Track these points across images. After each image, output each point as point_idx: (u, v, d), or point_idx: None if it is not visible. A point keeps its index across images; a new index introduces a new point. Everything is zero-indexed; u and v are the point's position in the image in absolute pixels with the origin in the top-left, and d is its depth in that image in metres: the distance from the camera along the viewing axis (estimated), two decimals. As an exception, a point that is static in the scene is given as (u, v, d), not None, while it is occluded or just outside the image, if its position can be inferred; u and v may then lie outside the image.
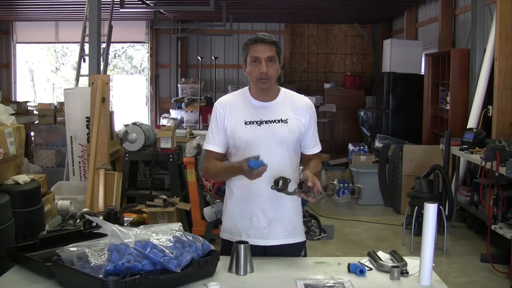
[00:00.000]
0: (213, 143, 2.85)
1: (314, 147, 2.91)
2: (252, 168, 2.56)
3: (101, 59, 7.22)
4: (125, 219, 3.65)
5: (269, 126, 2.77)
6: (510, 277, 4.99)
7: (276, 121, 2.77)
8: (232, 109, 2.81)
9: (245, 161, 2.58)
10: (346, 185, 8.42)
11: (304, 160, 2.93)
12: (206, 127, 10.10)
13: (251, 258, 2.53)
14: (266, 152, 2.73)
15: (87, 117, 6.13)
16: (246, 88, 2.87)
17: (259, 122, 2.77)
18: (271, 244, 2.81)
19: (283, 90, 2.86)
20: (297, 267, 2.61)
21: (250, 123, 2.77)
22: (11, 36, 13.88)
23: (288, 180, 2.61)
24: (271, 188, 2.62)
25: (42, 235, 2.75)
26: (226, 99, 2.88)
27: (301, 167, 2.92)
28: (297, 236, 2.87)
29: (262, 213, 2.78)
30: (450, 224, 6.19)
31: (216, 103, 2.87)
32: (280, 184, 2.60)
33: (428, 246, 2.39)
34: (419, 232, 5.45)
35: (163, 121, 11.89)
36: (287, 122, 2.78)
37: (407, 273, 2.49)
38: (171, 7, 10.89)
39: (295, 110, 2.82)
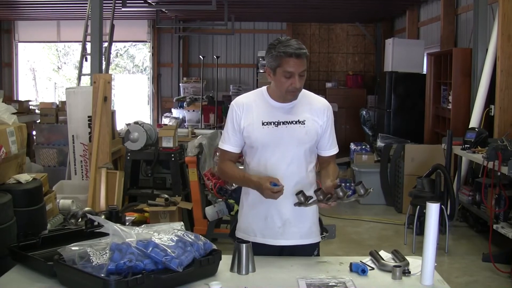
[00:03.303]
0: (228, 143, 2.84)
1: (330, 148, 2.88)
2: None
3: (103, 58, 7.23)
4: (127, 218, 3.66)
5: (286, 127, 2.75)
6: (512, 277, 4.99)
7: (294, 122, 2.76)
8: (249, 110, 2.79)
9: (266, 180, 2.61)
10: (348, 184, 8.43)
11: (320, 162, 2.91)
12: (208, 126, 10.16)
13: (253, 257, 2.53)
14: (282, 153, 2.75)
15: (89, 116, 6.14)
16: (264, 88, 2.85)
17: (276, 123, 2.75)
18: (285, 244, 2.80)
19: (302, 91, 2.82)
20: (299, 267, 2.61)
21: (267, 124, 2.75)
22: (13, 35, 13.89)
23: (309, 198, 2.61)
24: (294, 205, 2.63)
25: (44, 234, 2.75)
26: (243, 99, 2.85)
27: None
28: (312, 237, 2.87)
29: (277, 213, 2.76)
30: (452, 224, 6.19)
31: (233, 103, 2.85)
32: (302, 199, 2.60)
33: (430, 246, 2.39)
34: (421, 231, 5.44)
35: (165, 120, 11.89)
36: (304, 124, 2.76)
37: (409, 272, 2.49)
38: (173, 6, 10.89)
39: (313, 112, 2.80)
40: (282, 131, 2.75)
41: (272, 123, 2.75)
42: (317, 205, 2.63)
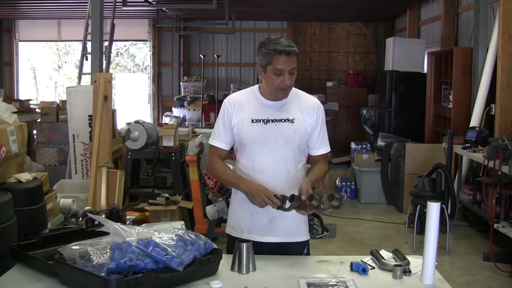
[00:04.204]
0: (218, 139, 2.86)
1: (319, 148, 2.88)
2: None
3: (104, 57, 7.23)
4: (127, 217, 3.65)
5: (275, 125, 2.77)
6: (513, 276, 4.99)
7: (283, 120, 2.78)
8: (241, 107, 2.82)
9: (265, 188, 2.66)
10: (348, 183, 8.42)
11: (311, 161, 2.92)
12: (208, 125, 10.14)
13: (254, 256, 2.53)
14: (270, 150, 2.77)
15: (89, 115, 6.14)
16: (256, 86, 2.88)
17: (265, 121, 2.78)
18: (272, 241, 2.82)
19: (293, 89, 2.84)
20: (300, 266, 2.61)
21: (256, 121, 2.78)
22: (13, 34, 13.89)
23: (285, 199, 2.63)
24: (272, 207, 2.65)
25: (44, 234, 2.74)
26: (235, 97, 2.88)
27: (308, 166, 2.93)
28: (300, 235, 2.87)
29: (263, 210, 2.76)
30: (452, 223, 6.18)
31: (225, 100, 2.88)
32: (279, 203, 2.62)
33: (431, 245, 2.38)
34: (421, 231, 5.44)
35: (166, 119, 11.89)
36: (293, 122, 2.78)
37: (410, 272, 2.49)
38: (174, 5, 10.88)
39: (303, 110, 2.82)
40: (270, 129, 2.77)
41: (261, 121, 2.78)
42: (298, 211, 2.65)
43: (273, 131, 2.77)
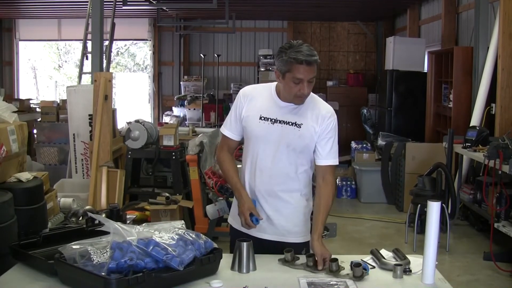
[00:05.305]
0: (229, 130, 2.88)
1: (326, 158, 2.80)
2: (252, 220, 2.74)
3: (104, 56, 7.23)
4: (128, 216, 3.65)
5: (281, 127, 2.75)
6: (513, 276, 4.99)
7: (290, 124, 2.75)
8: (253, 101, 2.81)
9: (248, 209, 2.74)
10: (349, 183, 8.42)
11: (316, 172, 2.85)
12: (208, 125, 10.15)
13: (254, 256, 2.53)
14: (272, 150, 2.76)
15: (89, 115, 6.13)
16: (274, 84, 2.83)
17: (273, 120, 2.76)
18: (269, 238, 2.82)
19: (311, 94, 2.78)
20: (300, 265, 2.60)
21: (264, 119, 2.77)
22: (14, 34, 13.89)
23: (296, 258, 2.62)
24: (278, 261, 2.63)
25: (45, 233, 2.74)
26: (251, 90, 2.87)
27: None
28: (297, 236, 2.85)
29: (261, 208, 2.79)
30: (453, 222, 6.18)
31: (240, 91, 2.89)
32: (289, 258, 2.61)
33: (431, 245, 2.38)
34: (422, 230, 5.44)
35: (166, 119, 11.89)
36: (300, 127, 2.75)
37: (410, 271, 2.49)
38: (174, 5, 10.87)
39: (313, 117, 2.77)
40: (276, 130, 2.76)
41: (269, 120, 2.76)
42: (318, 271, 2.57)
43: (278, 132, 2.75)
